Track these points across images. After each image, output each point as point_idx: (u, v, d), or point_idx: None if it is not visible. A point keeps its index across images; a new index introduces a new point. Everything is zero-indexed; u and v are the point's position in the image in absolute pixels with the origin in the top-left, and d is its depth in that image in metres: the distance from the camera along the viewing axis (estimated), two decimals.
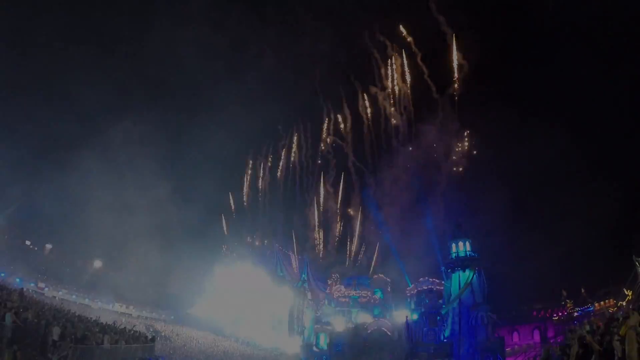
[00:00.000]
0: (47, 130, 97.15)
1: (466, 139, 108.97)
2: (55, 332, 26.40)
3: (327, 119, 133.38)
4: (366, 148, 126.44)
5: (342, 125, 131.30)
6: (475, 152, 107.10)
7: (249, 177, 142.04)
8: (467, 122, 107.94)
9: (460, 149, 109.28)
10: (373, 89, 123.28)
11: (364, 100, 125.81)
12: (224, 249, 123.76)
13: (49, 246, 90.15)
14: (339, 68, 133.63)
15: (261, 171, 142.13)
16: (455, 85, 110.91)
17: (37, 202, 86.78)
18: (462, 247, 73.15)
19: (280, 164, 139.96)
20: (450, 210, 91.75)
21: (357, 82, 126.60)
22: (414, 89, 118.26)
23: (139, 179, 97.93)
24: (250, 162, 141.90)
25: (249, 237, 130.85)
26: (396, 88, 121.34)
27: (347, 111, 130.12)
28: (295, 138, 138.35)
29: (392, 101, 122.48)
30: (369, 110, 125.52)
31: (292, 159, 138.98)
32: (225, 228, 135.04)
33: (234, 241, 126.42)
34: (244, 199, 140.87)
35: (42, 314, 32.34)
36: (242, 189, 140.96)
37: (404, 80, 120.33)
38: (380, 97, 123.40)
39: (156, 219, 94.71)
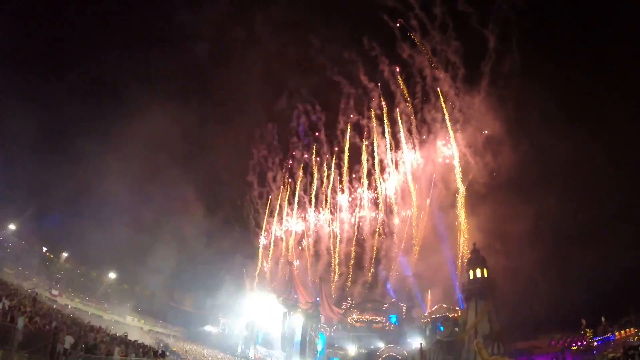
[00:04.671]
0: (72, 140, 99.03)
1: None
2: (67, 340, 26.12)
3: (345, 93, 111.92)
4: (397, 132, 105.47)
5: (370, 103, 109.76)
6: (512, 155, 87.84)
7: (256, 176, 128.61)
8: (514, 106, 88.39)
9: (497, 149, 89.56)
10: (404, 50, 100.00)
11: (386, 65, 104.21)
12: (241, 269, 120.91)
13: (65, 255, 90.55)
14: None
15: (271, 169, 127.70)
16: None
17: (56, 211, 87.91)
18: (479, 274, 71.97)
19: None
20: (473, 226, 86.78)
21: (374, 43, 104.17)
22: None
23: (159, 193, 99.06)
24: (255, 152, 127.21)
25: (264, 254, 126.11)
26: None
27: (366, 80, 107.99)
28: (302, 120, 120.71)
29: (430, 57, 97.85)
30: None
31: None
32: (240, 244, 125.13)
33: (249, 257, 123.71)
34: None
35: (54, 320, 32.19)
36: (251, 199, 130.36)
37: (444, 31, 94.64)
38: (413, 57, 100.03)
39: (174, 235, 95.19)
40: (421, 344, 73.57)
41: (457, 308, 79.05)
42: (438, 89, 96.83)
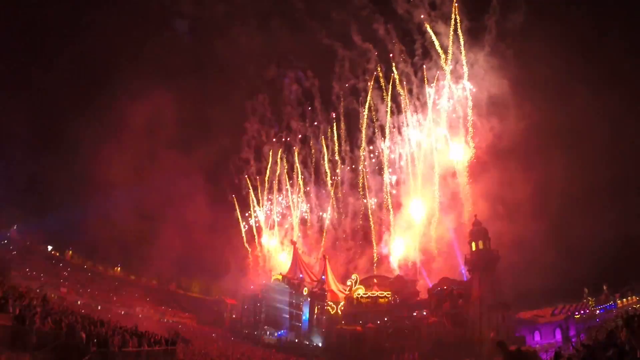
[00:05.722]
0: (66, 135, 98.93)
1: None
2: (78, 336, 26.59)
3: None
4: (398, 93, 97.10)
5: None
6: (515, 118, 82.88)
7: (252, 151, 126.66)
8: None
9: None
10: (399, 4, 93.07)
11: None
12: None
13: (70, 251, 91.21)
14: None
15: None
16: None
17: (57, 208, 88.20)
18: (481, 246, 72.49)
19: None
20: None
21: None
22: None
23: (158, 181, 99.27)
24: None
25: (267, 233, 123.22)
26: None
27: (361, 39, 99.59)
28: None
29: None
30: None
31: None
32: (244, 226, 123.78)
33: (253, 238, 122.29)
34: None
35: (65, 318, 32.66)
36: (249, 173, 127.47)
37: None
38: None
39: (176, 222, 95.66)
40: (427, 316, 74.58)
41: (462, 280, 79.55)
42: (437, 44, 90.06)
